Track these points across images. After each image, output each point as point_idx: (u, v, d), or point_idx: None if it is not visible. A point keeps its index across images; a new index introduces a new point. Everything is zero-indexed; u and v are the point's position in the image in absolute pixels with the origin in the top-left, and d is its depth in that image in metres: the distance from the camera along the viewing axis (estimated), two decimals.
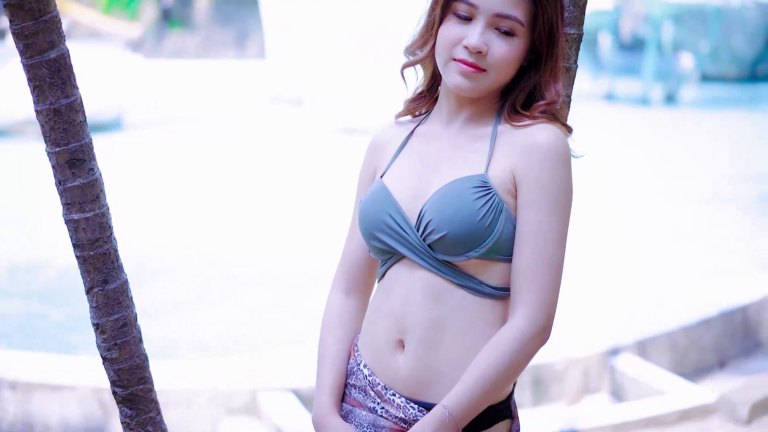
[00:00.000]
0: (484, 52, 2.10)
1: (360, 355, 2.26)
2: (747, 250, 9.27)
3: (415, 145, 2.28)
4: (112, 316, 2.40)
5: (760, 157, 15.61)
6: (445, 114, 2.25)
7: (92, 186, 2.32)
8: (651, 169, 14.32)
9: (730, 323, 6.39)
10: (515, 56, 2.13)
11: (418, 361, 2.14)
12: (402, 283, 2.17)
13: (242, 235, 10.09)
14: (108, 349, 2.42)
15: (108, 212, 2.37)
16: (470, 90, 2.14)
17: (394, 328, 2.18)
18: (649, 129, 19.30)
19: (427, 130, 2.29)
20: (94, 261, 2.36)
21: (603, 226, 10.01)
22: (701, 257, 9.01)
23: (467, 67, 2.11)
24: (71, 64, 2.26)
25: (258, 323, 7.30)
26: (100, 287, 2.38)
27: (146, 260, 8.65)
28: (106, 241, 2.36)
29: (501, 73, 2.14)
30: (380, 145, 2.36)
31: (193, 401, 5.03)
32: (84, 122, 2.30)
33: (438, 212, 2.10)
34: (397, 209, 2.17)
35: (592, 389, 5.71)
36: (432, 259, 2.13)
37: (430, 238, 2.11)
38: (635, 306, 7.02)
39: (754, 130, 19.21)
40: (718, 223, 10.62)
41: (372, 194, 2.24)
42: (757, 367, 6.26)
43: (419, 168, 2.22)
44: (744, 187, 12.76)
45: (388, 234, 2.18)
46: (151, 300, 7.54)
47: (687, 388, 5.43)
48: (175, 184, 12.89)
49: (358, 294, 2.39)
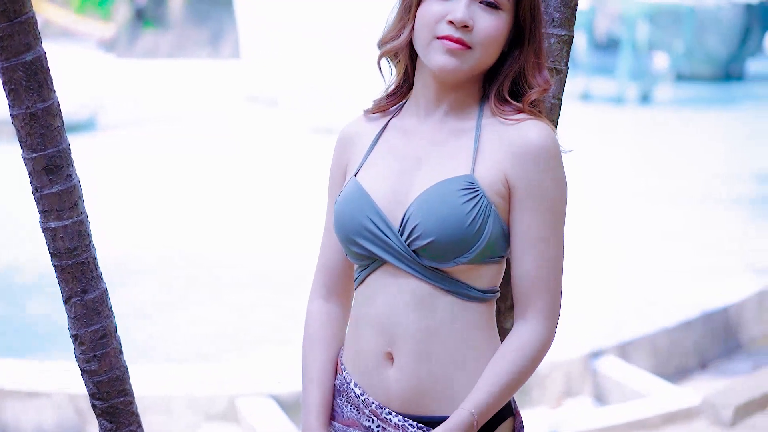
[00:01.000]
0: (471, 26, 1.99)
1: (348, 373, 2.15)
2: (730, 250, 9.26)
3: (391, 140, 2.15)
4: (91, 327, 2.33)
5: (737, 157, 15.67)
6: (423, 107, 2.11)
7: (70, 193, 2.25)
8: (631, 168, 14.32)
9: (712, 325, 6.38)
10: (502, 32, 2.02)
11: (410, 373, 2.04)
12: (385, 290, 2.06)
13: (221, 235, 10.01)
14: (87, 361, 2.35)
15: (86, 220, 2.29)
16: (455, 70, 2.01)
17: (380, 340, 2.07)
18: (626, 128, 19.33)
19: (402, 123, 2.16)
20: (73, 270, 2.29)
21: (585, 226, 9.99)
22: (685, 257, 9.01)
23: (453, 43, 1.99)
24: (48, 66, 2.18)
25: (239, 324, 7.24)
26: (79, 297, 2.31)
27: (125, 262, 8.57)
28: (84, 249, 2.28)
29: (487, 52, 2.02)
30: (350, 139, 2.23)
31: (172, 407, 4.96)
32: (61, 127, 2.22)
33: (424, 217, 1.98)
34: (377, 212, 2.05)
35: (574, 392, 5.67)
36: (418, 265, 2.02)
37: (416, 244, 2.00)
38: (618, 308, 7.00)
39: (730, 129, 19.28)
40: (701, 223, 10.62)
41: (348, 195, 2.10)
42: (738, 368, 6.25)
43: (397, 166, 2.09)
44: (723, 186, 12.78)
45: (368, 239, 2.05)
46: (131, 302, 7.45)
47: (670, 391, 5.41)
48: (150, 184, 12.79)
49: (339, 298, 2.28)
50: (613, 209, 11.18)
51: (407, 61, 2.15)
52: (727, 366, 6.29)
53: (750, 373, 5.96)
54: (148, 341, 6.70)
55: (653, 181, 13.18)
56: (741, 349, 6.53)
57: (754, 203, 11.79)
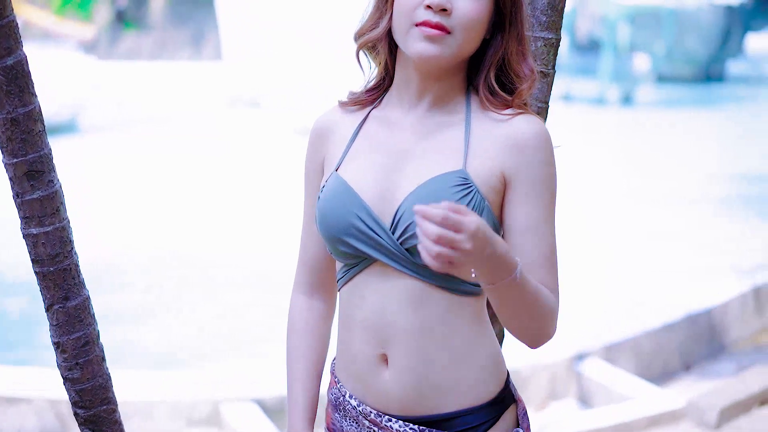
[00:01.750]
0: (449, 9, 1.90)
1: (342, 384, 2.10)
2: (714, 251, 9.27)
3: (372, 132, 2.07)
4: (73, 335, 2.29)
5: (719, 157, 15.72)
6: (406, 99, 2.04)
7: (52, 199, 2.21)
8: (613, 169, 14.35)
9: (696, 326, 6.38)
10: (482, 15, 1.94)
11: (408, 373, 1.99)
12: (376, 290, 1.99)
13: (207, 237, 9.98)
14: (69, 369, 2.31)
15: (68, 226, 2.25)
16: (436, 56, 1.92)
17: (373, 342, 2.01)
18: (608, 129, 19.38)
19: (384, 115, 2.08)
20: (54, 277, 2.25)
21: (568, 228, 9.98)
22: (667, 258, 9.01)
23: (431, 29, 1.90)
24: (29, 71, 2.14)
25: (228, 325, 7.21)
26: (61, 304, 2.27)
27: (110, 265, 8.53)
28: (66, 256, 2.25)
29: (469, 36, 1.93)
30: (327, 131, 2.13)
31: (154, 413, 4.92)
32: (43, 132, 2.18)
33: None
34: (366, 210, 1.97)
35: (559, 395, 5.66)
36: (410, 263, 1.95)
37: (410, 243, 1.93)
38: (602, 310, 7.00)
39: (710, 130, 19.34)
40: (684, 224, 10.63)
41: (331, 192, 2.02)
42: (722, 369, 6.25)
43: (382, 160, 2.01)
44: (706, 187, 12.82)
45: (357, 238, 1.98)
46: (117, 306, 7.42)
47: (655, 394, 5.40)
48: (133, 186, 12.74)
49: (323, 294, 2.23)
50: (597, 210, 11.19)
51: (386, 54, 2.07)
52: (711, 367, 6.29)
53: (734, 375, 5.96)
54: (138, 344, 6.66)
55: (636, 181, 13.20)
56: (725, 350, 6.53)
57: (737, 204, 11.83)
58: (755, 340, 6.70)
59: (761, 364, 6.01)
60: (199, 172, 13.95)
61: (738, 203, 11.87)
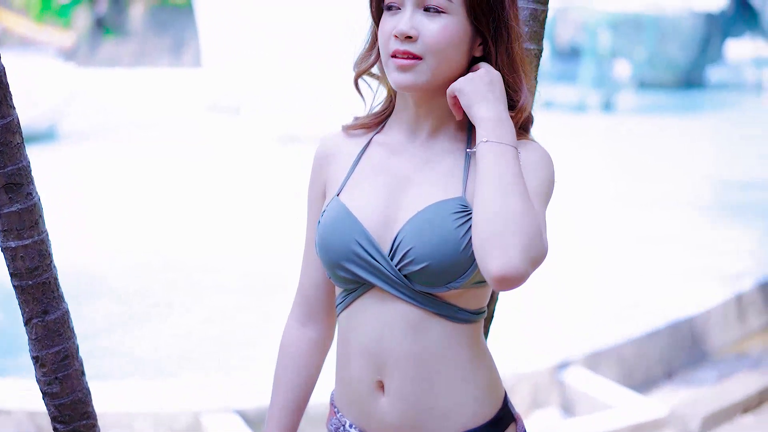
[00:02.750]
0: (415, 37, 1.90)
1: (342, 414, 2.10)
2: (696, 256, 9.28)
3: (375, 157, 2.07)
4: (52, 349, 2.26)
5: (700, 163, 15.75)
6: (406, 125, 2.05)
7: (30, 211, 2.18)
8: (594, 175, 14.35)
9: (678, 334, 6.38)
10: (450, 35, 1.91)
11: (404, 400, 1.99)
12: (373, 316, 1.99)
13: (188, 244, 9.92)
14: (48, 384, 2.28)
15: (48, 239, 2.22)
16: (411, 84, 1.92)
17: (370, 368, 2.01)
18: (589, 136, 19.40)
19: (387, 140, 2.08)
20: (33, 291, 2.22)
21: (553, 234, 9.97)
22: (649, 264, 9.01)
23: (401, 59, 1.92)
24: (7, 82, 2.11)
25: (203, 335, 7.16)
26: (40, 318, 2.24)
27: (89, 273, 8.47)
28: (45, 269, 2.22)
29: (441, 59, 1.92)
30: (329, 155, 2.14)
31: (134, 424, 4.88)
32: (21, 144, 2.15)
33: (418, 242, 1.91)
34: (366, 236, 1.97)
35: (542, 404, 5.65)
36: (408, 290, 1.95)
37: (409, 269, 1.93)
38: (584, 318, 6.99)
39: (692, 135, 19.40)
40: (666, 231, 10.64)
41: (332, 217, 2.02)
42: (703, 377, 6.25)
43: (384, 187, 2.02)
44: (689, 193, 12.84)
45: (356, 263, 1.98)
46: (98, 314, 7.37)
47: (638, 402, 5.39)
48: (113, 194, 12.67)
49: (317, 324, 2.23)
50: (578, 216, 11.19)
51: (387, 80, 2.09)
52: (694, 375, 6.29)
53: (716, 383, 5.97)
54: (123, 352, 6.62)
55: (617, 187, 13.21)
56: (707, 358, 6.53)
57: (718, 210, 11.85)
58: (737, 347, 6.71)
59: (743, 371, 6.03)
60: (180, 178, 13.90)
61: (719, 209, 11.90)
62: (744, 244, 9.83)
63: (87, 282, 8.24)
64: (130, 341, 7.03)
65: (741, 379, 5.70)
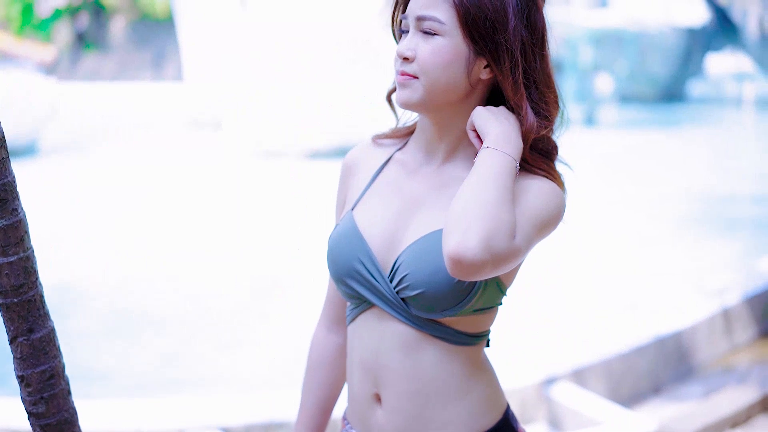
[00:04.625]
0: (411, 57, 1.96)
1: (351, 426, 2.14)
2: (679, 271, 9.27)
3: (392, 174, 2.10)
4: (38, 368, 2.21)
5: (682, 176, 15.79)
6: (423, 146, 2.08)
7: (16, 228, 2.13)
8: (578, 188, 14.34)
9: (664, 349, 6.36)
10: (441, 56, 1.93)
11: (399, 414, 2.02)
12: (373, 332, 2.03)
13: (167, 260, 9.87)
14: (34, 404, 2.23)
15: (33, 255, 2.18)
16: (406, 100, 1.97)
17: (368, 381, 2.06)
18: (571, 150, 19.41)
19: (406, 158, 2.12)
20: (18, 309, 2.17)
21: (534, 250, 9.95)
22: (632, 279, 9.00)
23: (401, 76, 1.98)
24: None
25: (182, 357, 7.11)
26: (25, 337, 2.19)
27: (69, 290, 8.40)
28: (31, 286, 2.17)
29: (431, 77, 1.94)
30: (354, 166, 2.19)
31: None
32: (6, 159, 2.11)
33: (414, 268, 1.93)
34: (368, 255, 2.01)
35: (529, 419, 5.61)
36: (405, 312, 1.98)
37: (405, 294, 1.95)
38: (571, 334, 6.97)
39: (673, 149, 19.48)
40: (651, 242, 10.65)
41: (341, 233, 2.07)
42: (690, 392, 6.23)
43: (394, 206, 2.04)
44: (671, 206, 12.86)
45: (358, 281, 2.02)
46: (78, 332, 7.30)
47: (626, 417, 5.36)
48: (93, 208, 12.61)
49: (344, 329, 2.28)
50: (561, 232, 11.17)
51: None
52: (681, 390, 6.27)
53: (703, 398, 5.95)
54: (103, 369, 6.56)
55: (600, 201, 13.22)
56: (694, 372, 6.51)
57: (700, 223, 11.87)
58: (724, 361, 6.69)
59: (731, 386, 6.01)
60: (162, 193, 13.85)
61: (701, 223, 11.92)
62: (727, 257, 9.84)
63: (69, 297, 8.18)
64: (114, 358, 6.98)
65: (729, 394, 5.68)
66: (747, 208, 13.06)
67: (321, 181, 13.98)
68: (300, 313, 7.74)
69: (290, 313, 7.89)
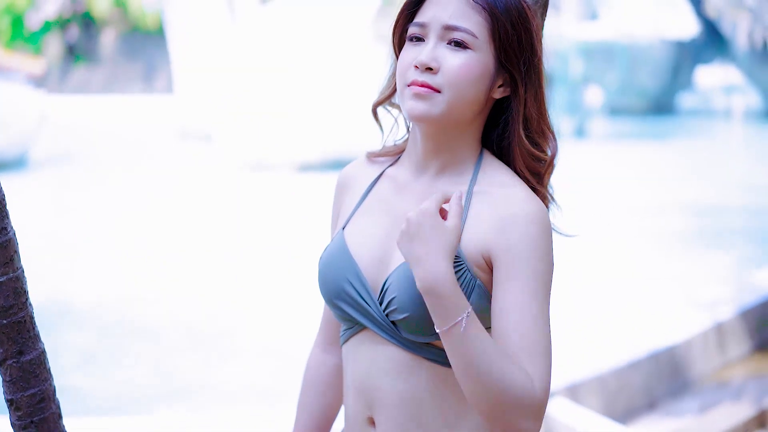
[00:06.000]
0: (435, 69, 1.87)
1: None
2: (671, 285, 9.25)
3: (382, 191, 2.04)
4: (27, 391, 2.16)
5: (671, 189, 15.79)
6: (415, 162, 2.01)
7: (5, 247, 2.08)
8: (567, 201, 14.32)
9: (659, 364, 6.33)
10: (471, 71, 1.87)
11: None
12: (365, 354, 1.98)
13: (156, 276, 9.81)
14: (24, 428, 2.18)
15: (23, 275, 2.13)
16: (425, 114, 1.87)
17: (362, 403, 2.00)
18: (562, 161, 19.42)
19: (396, 174, 2.05)
20: (8, 330, 2.12)
21: None
22: (626, 293, 8.98)
23: (418, 87, 1.87)
24: None
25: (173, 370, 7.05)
26: (15, 359, 2.14)
27: (58, 306, 8.34)
28: (21, 308, 2.12)
29: (458, 93, 1.87)
30: (348, 183, 2.13)
31: None
32: None
33: (402, 291, 1.88)
34: (357, 276, 1.95)
35: None
36: (397, 335, 1.93)
37: (394, 316, 1.91)
38: (566, 349, 6.92)
39: (663, 161, 19.49)
40: (642, 256, 10.63)
41: (331, 253, 2.01)
42: (685, 407, 6.20)
43: (384, 226, 1.99)
44: (662, 219, 12.84)
45: (349, 303, 1.97)
46: (65, 349, 7.24)
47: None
48: (84, 222, 12.55)
49: (339, 348, 2.22)
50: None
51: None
52: (675, 405, 6.24)
53: (699, 413, 5.92)
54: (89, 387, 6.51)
55: (589, 214, 13.20)
56: (688, 387, 6.48)
57: (690, 236, 11.86)
58: (718, 376, 6.66)
59: (726, 401, 5.98)
60: (152, 205, 13.79)
61: (692, 236, 11.91)
62: (719, 270, 9.82)
63: (57, 311, 8.12)
64: (104, 376, 6.92)
65: (725, 409, 5.65)
66: (737, 219, 13.05)
67: (311, 194, 13.94)
68: (290, 328, 7.70)
69: (280, 327, 7.84)
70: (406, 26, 1.98)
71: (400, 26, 1.99)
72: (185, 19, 22.80)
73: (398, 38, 2.00)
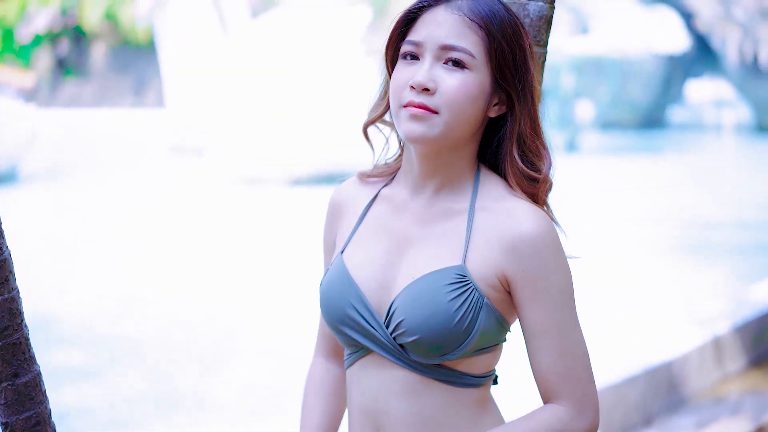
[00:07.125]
0: (432, 89, 1.84)
1: None
2: (666, 299, 9.23)
3: (379, 213, 2.00)
4: (23, 414, 2.12)
5: (663, 202, 15.79)
6: (411, 181, 1.97)
7: (0, 268, 2.04)
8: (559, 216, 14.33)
9: (655, 380, 6.30)
10: (470, 92, 1.85)
11: None
12: (372, 378, 1.94)
13: (150, 288, 9.77)
14: None
15: (18, 296, 2.09)
16: (422, 136, 1.84)
17: (368, 427, 1.96)
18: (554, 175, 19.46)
19: (392, 194, 2.01)
20: (3, 352, 2.08)
21: None
22: (619, 307, 8.96)
23: (415, 108, 1.84)
24: None
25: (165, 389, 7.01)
26: (10, 382, 2.10)
27: (47, 320, 8.29)
28: (16, 329, 2.08)
29: (456, 113, 1.84)
30: (341, 205, 2.08)
31: None
32: None
33: (410, 313, 1.85)
34: (361, 300, 1.92)
35: None
36: (405, 358, 1.90)
37: (402, 339, 1.87)
38: None
39: (654, 175, 19.52)
40: (635, 270, 10.61)
41: (332, 279, 1.97)
42: (682, 423, 6.17)
43: (384, 246, 1.95)
44: (653, 233, 12.84)
45: (353, 328, 1.93)
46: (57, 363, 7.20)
47: None
48: (74, 236, 12.50)
49: (340, 358, 2.17)
50: None
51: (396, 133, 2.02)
52: (672, 422, 6.20)
53: (697, 430, 5.88)
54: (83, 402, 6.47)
55: (581, 228, 13.18)
56: (684, 403, 6.45)
57: (682, 250, 11.85)
58: (715, 392, 6.63)
59: (724, 417, 5.95)
60: (142, 220, 13.75)
61: (683, 250, 11.90)
62: (712, 284, 9.82)
63: (49, 327, 8.08)
64: (97, 389, 6.88)
65: (722, 425, 5.62)
66: (730, 234, 13.05)
67: (302, 208, 13.92)
68: (281, 340, 7.68)
69: (270, 340, 7.82)
70: (398, 44, 1.94)
71: (392, 44, 1.95)
72: (176, 32, 22.79)
73: (391, 56, 1.96)
